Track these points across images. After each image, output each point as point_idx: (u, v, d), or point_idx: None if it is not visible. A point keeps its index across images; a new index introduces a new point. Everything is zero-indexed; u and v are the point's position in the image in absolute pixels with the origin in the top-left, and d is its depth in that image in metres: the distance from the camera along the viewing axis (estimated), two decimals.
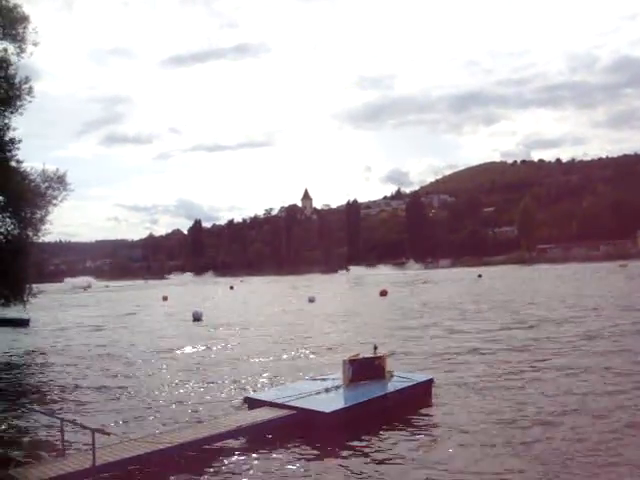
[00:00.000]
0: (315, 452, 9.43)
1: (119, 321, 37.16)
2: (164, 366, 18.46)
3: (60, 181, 24.98)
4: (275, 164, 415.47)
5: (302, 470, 8.70)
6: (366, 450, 9.42)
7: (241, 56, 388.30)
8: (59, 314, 46.97)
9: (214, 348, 22.14)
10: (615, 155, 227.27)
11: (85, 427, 9.01)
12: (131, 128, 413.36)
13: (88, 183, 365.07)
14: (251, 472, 8.75)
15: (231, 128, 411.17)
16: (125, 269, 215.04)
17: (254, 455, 9.42)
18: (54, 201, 24.67)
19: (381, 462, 8.89)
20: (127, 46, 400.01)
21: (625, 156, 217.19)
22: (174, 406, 13.03)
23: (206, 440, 9.53)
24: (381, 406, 11.23)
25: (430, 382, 12.80)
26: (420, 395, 12.38)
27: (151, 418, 12.06)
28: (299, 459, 9.16)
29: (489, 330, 23.12)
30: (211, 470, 8.86)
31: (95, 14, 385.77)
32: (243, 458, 9.32)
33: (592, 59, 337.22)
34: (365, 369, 12.47)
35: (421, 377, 13.10)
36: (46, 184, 24.21)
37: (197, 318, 34.56)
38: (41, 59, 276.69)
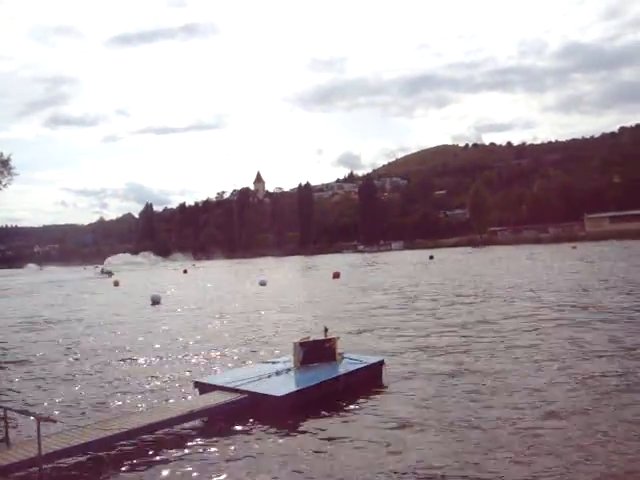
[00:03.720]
0: (267, 436, 9.40)
1: (69, 305, 36.52)
2: (115, 351, 18.18)
3: (4, 165, 24.37)
4: (226, 147, 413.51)
5: (254, 454, 8.65)
6: (317, 433, 9.43)
7: (190, 36, 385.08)
8: (5, 302, 46.10)
9: (167, 331, 21.96)
10: (564, 139, 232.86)
11: (30, 414, 8.82)
12: (76, 109, 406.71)
13: (33, 166, 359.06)
14: (203, 457, 8.68)
15: (180, 110, 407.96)
16: (75, 255, 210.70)
17: (206, 440, 9.35)
18: None
19: (331, 445, 8.90)
20: (72, 24, 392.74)
21: (574, 140, 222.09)
22: (123, 392, 12.84)
23: (157, 426, 9.43)
24: (332, 389, 11.26)
25: (381, 364, 12.84)
26: (371, 377, 12.43)
27: (99, 405, 11.87)
28: (251, 443, 9.12)
29: (439, 310, 23.34)
30: (162, 456, 8.76)
31: None
32: (195, 443, 9.24)
33: (541, 44, 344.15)
34: (316, 352, 12.49)
35: (372, 359, 13.13)
36: None
37: (156, 302, 34.30)
38: None
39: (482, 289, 31.37)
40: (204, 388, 11.50)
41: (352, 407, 10.66)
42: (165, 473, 8.21)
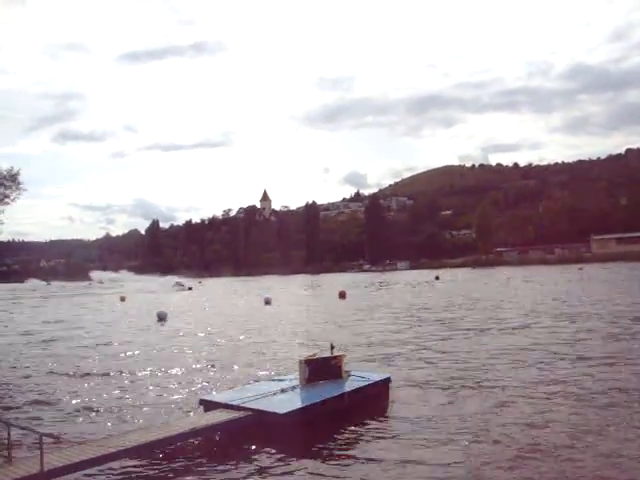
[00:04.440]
0: (270, 454, 9.34)
1: (74, 321, 36.47)
2: (120, 367, 18.10)
3: (13, 179, 24.38)
4: (233, 164, 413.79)
5: (257, 472, 8.60)
6: (322, 451, 9.37)
7: (198, 54, 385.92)
8: (12, 315, 46.08)
9: (173, 348, 21.87)
10: (571, 160, 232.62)
11: (33, 431, 8.75)
12: (85, 125, 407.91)
13: (40, 181, 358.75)
14: (206, 475, 8.62)
15: (188, 127, 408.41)
16: (80, 270, 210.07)
17: (209, 457, 9.29)
18: (6, 200, 24.10)
19: (336, 463, 8.85)
20: (82, 41, 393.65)
21: (580, 161, 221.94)
22: (127, 408, 12.77)
23: (160, 442, 9.32)
24: (337, 406, 11.16)
25: (387, 381, 12.78)
26: (377, 394, 12.35)
27: (102, 422, 11.79)
28: (254, 461, 9.07)
29: (447, 330, 23.23)
30: (165, 473, 8.70)
31: (50, 8, 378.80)
32: (198, 460, 9.17)
33: (548, 65, 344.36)
34: (322, 369, 12.40)
35: (378, 376, 13.07)
36: None
37: (162, 318, 34.35)
38: None
39: (488, 310, 31.27)
40: (209, 405, 11.40)
41: (357, 426, 10.56)
42: None
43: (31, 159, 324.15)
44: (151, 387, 15.03)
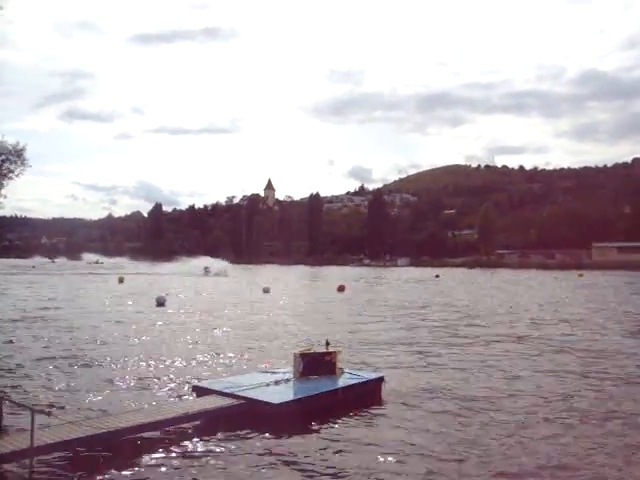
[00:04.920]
0: (261, 441, 9.39)
1: (72, 301, 36.55)
2: (114, 350, 18.13)
3: (19, 155, 24.31)
4: (239, 152, 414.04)
5: (247, 459, 8.64)
6: (313, 442, 9.43)
7: (210, 39, 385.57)
8: (14, 293, 46.17)
9: (168, 334, 21.89)
10: (577, 166, 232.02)
11: (24, 406, 8.79)
12: (92, 105, 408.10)
13: (45, 158, 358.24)
14: (196, 459, 8.67)
15: (195, 112, 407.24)
16: (81, 249, 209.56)
17: (200, 442, 9.33)
18: (10, 175, 24.04)
19: (325, 454, 8.90)
20: (94, 20, 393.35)
21: (586, 168, 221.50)
22: (120, 391, 12.82)
23: (151, 425, 9.38)
24: (330, 401, 11.21)
25: (380, 380, 12.77)
26: (370, 392, 12.36)
27: (94, 402, 11.82)
28: (245, 448, 9.10)
29: (445, 329, 23.27)
30: (155, 455, 8.72)
31: None
32: (189, 445, 9.22)
33: (559, 70, 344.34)
34: (316, 364, 12.41)
35: (372, 375, 13.13)
36: (2, 157, 23.52)
37: (160, 303, 34.08)
38: (3, 27, 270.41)
39: (486, 311, 31.28)
40: (202, 392, 11.43)
41: (349, 421, 10.60)
42: (152, 473, 8.17)
43: (37, 136, 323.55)
44: (146, 371, 15.05)
